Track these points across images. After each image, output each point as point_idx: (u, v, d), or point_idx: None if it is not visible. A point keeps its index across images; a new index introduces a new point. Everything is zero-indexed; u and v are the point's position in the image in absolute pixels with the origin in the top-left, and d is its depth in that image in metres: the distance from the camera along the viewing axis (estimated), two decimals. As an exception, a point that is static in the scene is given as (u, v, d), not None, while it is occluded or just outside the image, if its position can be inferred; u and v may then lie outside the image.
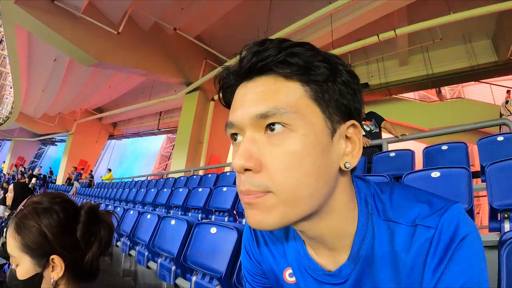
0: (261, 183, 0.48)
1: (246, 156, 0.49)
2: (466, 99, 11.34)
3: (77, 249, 0.98)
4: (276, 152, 0.49)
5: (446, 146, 3.52)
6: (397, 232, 0.54)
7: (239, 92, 0.54)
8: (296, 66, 0.49)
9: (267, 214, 0.49)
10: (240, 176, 0.51)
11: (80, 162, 21.31)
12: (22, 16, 8.02)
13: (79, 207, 1.05)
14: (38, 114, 20.23)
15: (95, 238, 1.01)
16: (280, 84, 0.50)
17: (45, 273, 0.95)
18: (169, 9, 9.80)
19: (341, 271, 0.59)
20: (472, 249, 0.49)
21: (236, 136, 0.55)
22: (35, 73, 14.53)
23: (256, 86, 0.51)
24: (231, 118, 0.53)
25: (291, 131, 0.49)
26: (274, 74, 0.51)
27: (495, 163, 2.14)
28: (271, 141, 0.49)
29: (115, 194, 8.30)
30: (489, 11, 6.27)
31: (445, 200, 0.54)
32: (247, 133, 0.51)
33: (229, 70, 0.57)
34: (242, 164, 0.49)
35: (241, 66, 0.53)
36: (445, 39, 9.46)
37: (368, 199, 0.59)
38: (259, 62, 0.50)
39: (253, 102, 0.50)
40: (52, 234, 0.94)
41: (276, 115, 0.48)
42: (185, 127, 11.93)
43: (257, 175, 0.49)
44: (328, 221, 0.55)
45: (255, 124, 0.50)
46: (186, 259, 2.16)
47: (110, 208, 4.95)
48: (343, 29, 9.14)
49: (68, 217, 1.00)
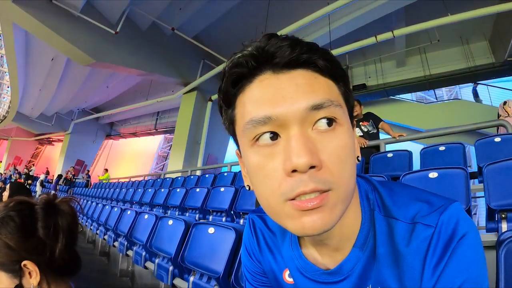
0: (326, 180, 0.45)
1: (309, 152, 0.44)
2: (463, 100, 11.36)
3: (44, 248, 0.94)
4: (331, 147, 0.47)
5: (444, 147, 3.53)
6: (396, 229, 0.54)
7: (266, 84, 0.49)
8: (330, 64, 0.50)
9: (332, 214, 0.47)
10: (295, 177, 0.45)
11: (77, 162, 21.30)
12: (20, 15, 8.02)
13: (34, 204, 1.00)
14: (35, 113, 20.18)
15: (57, 231, 0.96)
16: (321, 79, 0.49)
17: (24, 282, 0.92)
18: (167, 9, 9.81)
19: (342, 268, 0.59)
20: (472, 247, 0.49)
21: (269, 135, 0.48)
22: (33, 72, 14.51)
23: (294, 78, 0.48)
24: (267, 112, 0.47)
25: (340, 125, 0.48)
26: (310, 69, 0.49)
27: (493, 164, 2.15)
28: (323, 136, 0.47)
29: (112, 194, 8.29)
30: (486, 13, 6.29)
31: (444, 199, 0.54)
32: (294, 129, 0.46)
33: (248, 57, 0.50)
34: (307, 161, 0.43)
35: (272, 57, 0.49)
36: (443, 40, 9.49)
37: (369, 194, 0.60)
38: (302, 55, 0.48)
39: (301, 93, 0.47)
40: (14, 243, 0.91)
41: (330, 107, 0.47)
42: (182, 127, 11.92)
43: (320, 172, 0.45)
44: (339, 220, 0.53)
45: (305, 119, 0.46)
46: (184, 259, 2.16)
47: (107, 208, 4.94)
48: (341, 30, 9.16)
49: (25, 219, 0.95)
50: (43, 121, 20.63)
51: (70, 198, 1.05)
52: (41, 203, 0.99)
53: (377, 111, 4.84)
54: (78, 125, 20.60)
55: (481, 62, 10.10)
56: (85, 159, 22.54)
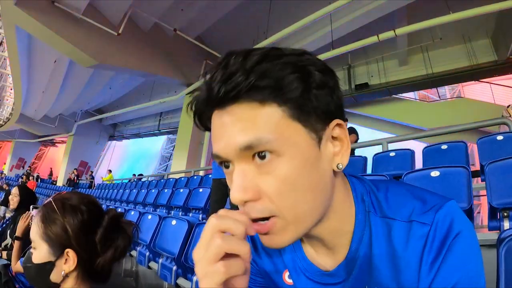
0: (265, 209, 0.48)
1: (242, 190, 0.48)
2: (466, 99, 11.31)
3: (92, 250, 1.03)
4: (268, 180, 0.48)
5: (446, 146, 3.52)
6: (394, 228, 0.55)
7: (215, 123, 0.52)
8: (269, 89, 0.46)
9: (283, 235, 0.50)
10: (245, 206, 0.50)
11: (80, 163, 21.35)
12: (23, 17, 8.05)
13: (104, 212, 1.11)
14: (38, 115, 20.20)
15: (112, 245, 1.06)
16: (257, 111, 0.47)
17: (58, 263, 1.01)
18: (169, 10, 9.83)
19: (339, 270, 0.59)
20: (467, 245, 0.50)
21: (226, 164, 0.52)
22: (36, 74, 14.54)
23: (233, 115, 0.48)
24: (215, 150, 0.51)
25: (278, 156, 0.47)
26: (248, 100, 0.47)
27: (495, 162, 2.15)
28: (260, 169, 0.48)
29: (115, 195, 8.31)
30: (488, 11, 6.26)
31: (440, 197, 0.55)
32: (235, 165, 0.50)
33: (198, 99, 0.53)
34: (241, 198, 0.48)
35: (211, 95, 0.49)
36: (445, 38, 9.46)
37: (365, 197, 0.60)
38: (230, 92, 0.46)
39: (233, 134, 0.48)
40: (72, 231, 1.01)
41: (259, 145, 0.47)
42: (185, 128, 11.94)
43: (258, 203, 0.49)
44: (328, 221, 0.56)
45: (241, 156, 0.48)
46: (187, 258, 2.17)
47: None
48: (342, 29, 9.12)
49: (92, 218, 1.06)
50: (47, 123, 20.66)
51: (135, 224, 1.15)
52: (110, 215, 1.09)
53: (379, 110, 4.85)
54: (81, 126, 20.57)
55: (484, 60, 10.04)
56: (89, 161, 22.60)
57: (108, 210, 1.12)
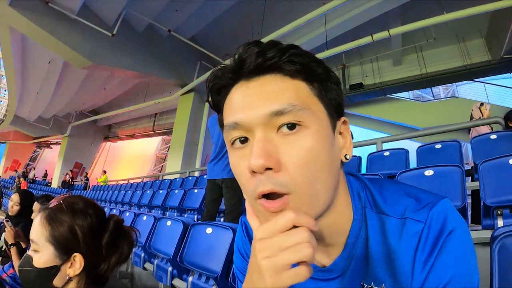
0: (284, 182, 0.47)
1: (265, 154, 0.46)
2: (460, 98, 11.38)
3: (99, 254, 1.02)
4: (293, 150, 0.48)
5: (440, 145, 3.54)
6: (388, 224, 0.56)
7: (238, 92, 0.52)
8: (301, 65, 0.50)
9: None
10: (256, 177, 0.48)
11: (75, 165, 21.24)
12: (16, 18, 8.01)
13: (107, 216, 1.11)
14: (32, 116, 20.11)
15: (117, 250, 1.06)
16: (289, 83, 0.50)
17: (63, 268, 0.98)
18: (164, 11, 9.82)
19: (336, 265, 0.60)
20: (461, 242, 0.50)
21: (239, 139, 0.52)
22: (30, 75, 14.45)
23: (262, 85, 0.50)
24: (235, 118, 0.51)
25: (305, 128, 0.49)
26: (280, 73, 0.51)
27: (488, 161, 2.16)
28: (286, 139, 0.49)
29: (110, 196, 8.27)
30: (482, 10, 6.32)
31: (433, 195, 0.55)
32: (258, 133, 0.49)
33: (225, 69, 0.55)
34: (262, 163, 0.46)
35: (242, 65, 0.52)
36: (439, 38, 9.52)
37: (361, 193, 0.61)
38: (267, 61, 0.50)
39: (264, 100, 0.49)
40: (82, 234, 0.99)
41: (291, 112, 0.48)
42: (180, 129, 11.92)
43: (278, 174, 0.47)
44: (329, 216, 0.56)
45: (268, 123, 0.49)
46: (183, 259, 2.16)
47: (106, 210, 4.92)
48: (337, 30, 9.18)
49: (99, 222, 1.05)
50: (41, 124, 20.60)
51: (135, 229, 1.15)
52: (114, 219, 1.09)
53: (374, 110, 4.87)
54: (76, 127, 20.50)
55: (478, 59, 10.14)
56: (83, 162, 22.48)
57: (110, 215, 1.11)
